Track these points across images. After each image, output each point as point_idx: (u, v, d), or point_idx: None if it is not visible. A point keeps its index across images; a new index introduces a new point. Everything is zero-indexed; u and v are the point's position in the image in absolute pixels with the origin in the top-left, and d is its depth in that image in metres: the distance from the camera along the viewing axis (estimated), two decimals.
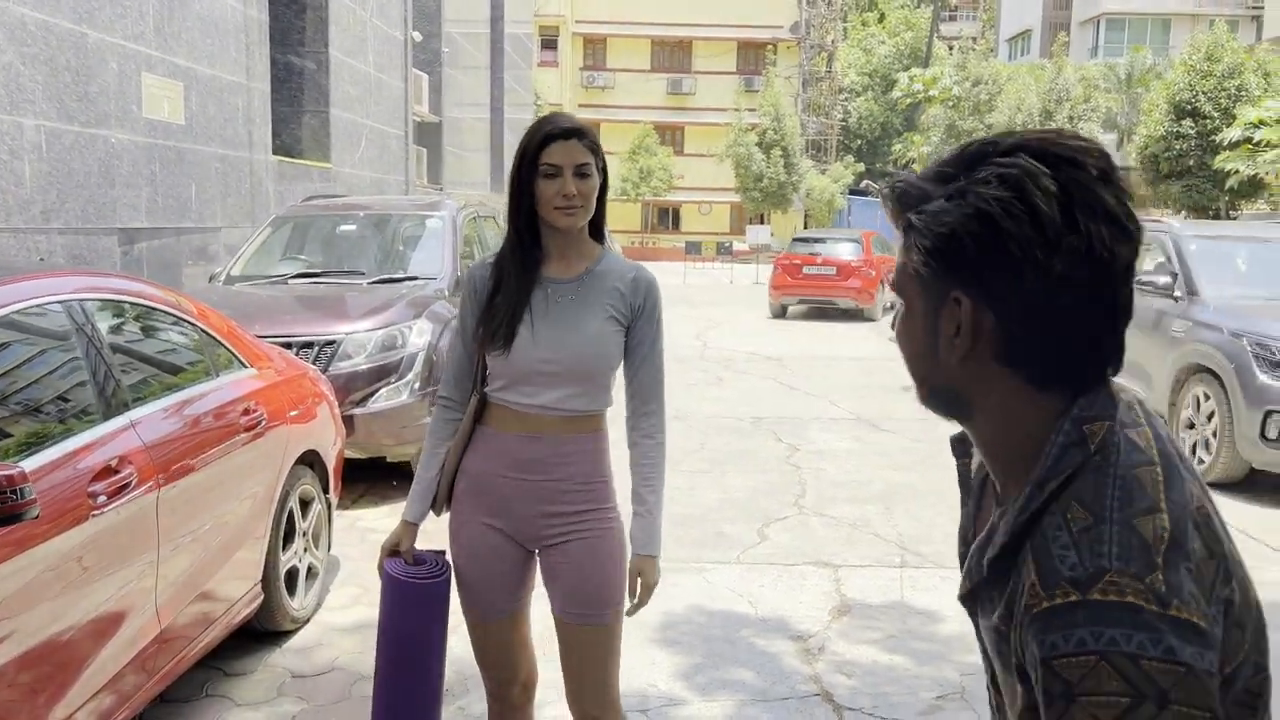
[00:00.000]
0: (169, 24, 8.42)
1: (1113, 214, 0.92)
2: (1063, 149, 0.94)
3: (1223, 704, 0.87)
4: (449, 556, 2.32)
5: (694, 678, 3.67)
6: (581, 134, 2.16)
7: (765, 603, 4.39)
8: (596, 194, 2.19)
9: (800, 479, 6.44)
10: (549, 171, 2.13)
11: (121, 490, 2.75)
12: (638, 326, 2.23)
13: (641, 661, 3.74)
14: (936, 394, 1.04)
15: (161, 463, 2.99)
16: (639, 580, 2.24)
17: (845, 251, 17.02)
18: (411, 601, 2.26)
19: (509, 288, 2.21)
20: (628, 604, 2.26)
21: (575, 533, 2.24)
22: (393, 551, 2.32)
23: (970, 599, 1.04)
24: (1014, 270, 0.92)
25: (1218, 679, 0.85)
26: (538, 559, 2.32)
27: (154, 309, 3.54)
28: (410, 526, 2.34)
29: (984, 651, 1.07)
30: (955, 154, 0.99)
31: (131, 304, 3.41)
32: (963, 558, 1.10)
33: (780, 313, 17.46)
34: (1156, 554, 0.86)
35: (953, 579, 4.65)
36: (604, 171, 2.21)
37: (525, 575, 2.34)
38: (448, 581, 2.29)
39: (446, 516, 2.35)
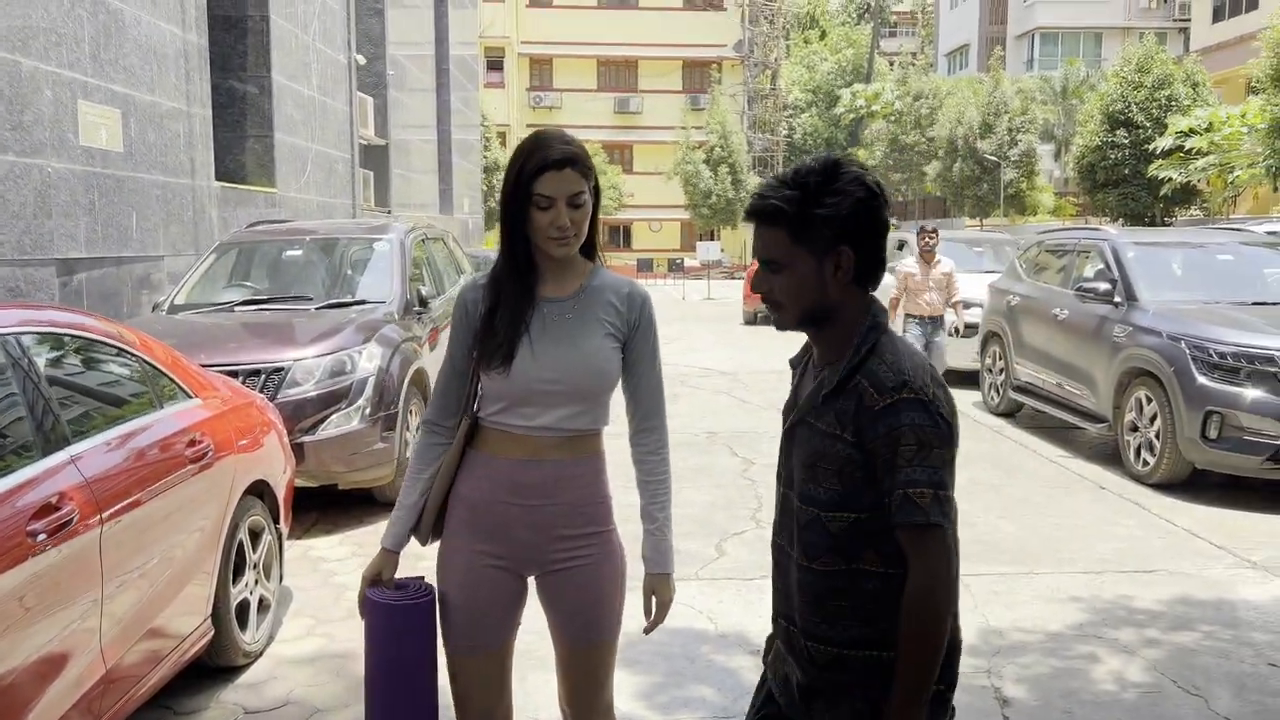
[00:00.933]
0: (105, 50, 8.28)
1: (885, 199, 1.71)
2: (858, 165, 1.70)
3: None
4: (431, 581, 2.29)
5: (655, 697, 3.66)
6: (575, 162, 2.10)
7: (724, 618, 4.39)
8: (589, 217, 2.16)
9: (756, 493, 6.47)
10: (542, 203, 2.09)
11: (62, 528, 2.68)
12: (634, 341, 2.23)
13: None
14: (810, 315, 1.70)
15: (104, 498, 2.92)
16: (654, 598, 2.26)
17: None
18: (401, 626, 2.22)
19: (507, 306, 2.17)
20: (644, 623, 2.29)
21: (579, 557, 2.23)
22: (373, 581, 2.26)
23: (793, 431, 1.75)
24: (872, 230, 1.67)
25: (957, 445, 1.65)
26: (530, 587, 2.30)
27: (94, 341, 3.46)
28: (390, 555, 2.29)
29: (787, 462, 1.77)
30: (812, 170, 1.66)
31: (70, 337, 3.34)
32: (786, 415, 1.80)
33: (752, 319, 18.75)
34: (928, 378, 1.64)
35: None
36: (596, 192, 2.18)
37: (517, 607, 2.30)
38: (434, 602, 2.25)
39: (434, 545, 2.32)
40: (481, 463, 2.22)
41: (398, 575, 2.30)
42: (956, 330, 8.78)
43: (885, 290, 11.96)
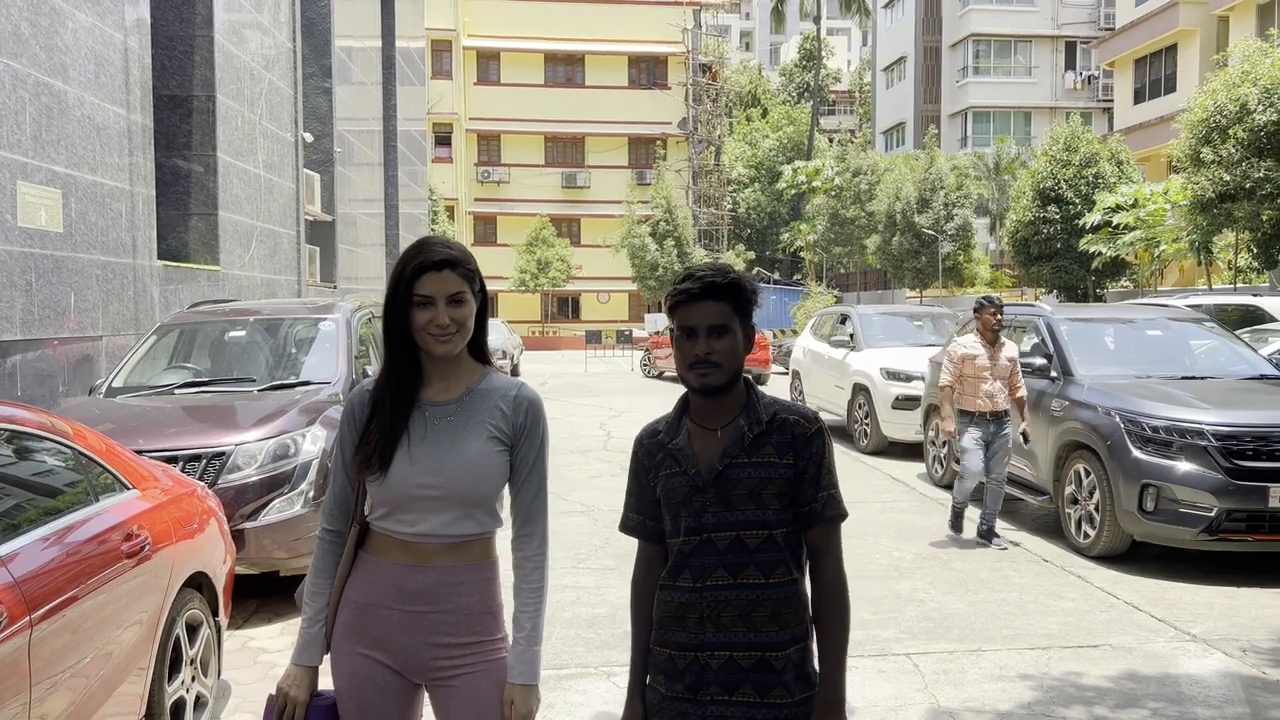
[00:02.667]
0: (48, 131, 8.23)
1: None
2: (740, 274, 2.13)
3: None
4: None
5: None
6: (454, 264, 2.14)
7: None
8: (474, 317, 2.18)
9: None
10: (421, 301, 2.12)
11: None
12: (520, 446, 2.20)
13: None
14: (735, 375, 2.08)
15: (34, 599, 2.83)
16: (512, 708, 2.16)
17: None
18: None
19: (384, 411, 2.18)
20: None
21: (464, 667, 2.17)
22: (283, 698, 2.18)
23: (721, 475, 2.04)
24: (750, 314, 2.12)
25: None
26: (425, 693, 2.24)
27: (23, 433, 3.38)
28: (307, 670, 2.21)
29: (714, 506, 2.04)
30: (722, 267, 2.11)
31: (0, 429, 3.25)
32: (695, 480, 2.07)
33: (657, 376, 21.86)
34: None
35: (860, 667, 4.68)
36: (482, 293, 2.20)
37: (410, 710, 2.24)
38: (333, 707, 2.19)
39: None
40: (369, 566, 2.20)
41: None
42: (1025, 437, 7.14)
43: (922, 367, 12.02)
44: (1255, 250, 17.07)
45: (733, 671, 2.01)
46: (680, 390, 2.16)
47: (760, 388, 2.15)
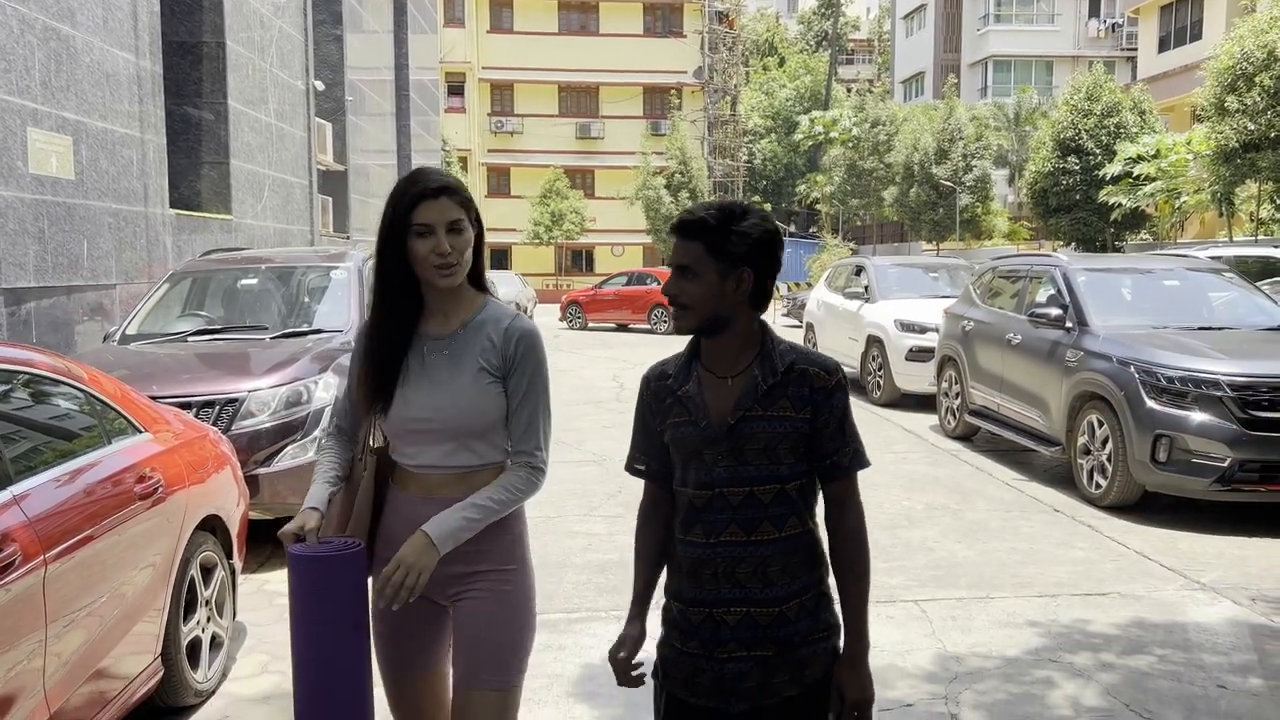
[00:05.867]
0: (57, 77, 8.18)
1: (783, 243, 2.03)
2: (765, 213, 2.01)
3: None
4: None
5: None
6: (451, 190, 2.13)
7: None
8: (472, 247, 2.17)
9: None
10: (421, 231, 2.10)
11: (3, 570, 2.62)
12: (511, 378, 2.18)
13: (561, 715, 3.68)
14: (709, 321, 1.97)
15: (48, 538, 2.86)
16: (408, 545, 2.06)
17: None
18: (324, 584, 2.07)
19: (383, 349, 2.19)
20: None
21: (471, 593, 2.19)
22: (296, 537, 2.12)
23: (734, 428, 1.95)
24: (769, 261, 1.97)
25: None
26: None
27: (39, 376, 3.40)
28: (313, 511, 2.16)
29: (724, 459, 1.96)
30: (731, 204, 1.98)
31: (14, 372, 3.27)
32: (706, 432, 1.97)
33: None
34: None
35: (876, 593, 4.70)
36: (478, 223, 2.20)
37: (438, 631, 2.27)
38: (362, 557, 2.13)
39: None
40: (394, 496, 2.26)
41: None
42: None
43: (937, 318, 11.96)
44: (1278, 201, 16.81)
45: (750, 627, 1.96)
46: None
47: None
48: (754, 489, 1.95)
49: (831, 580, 2.04)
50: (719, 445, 1.96)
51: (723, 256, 1.93)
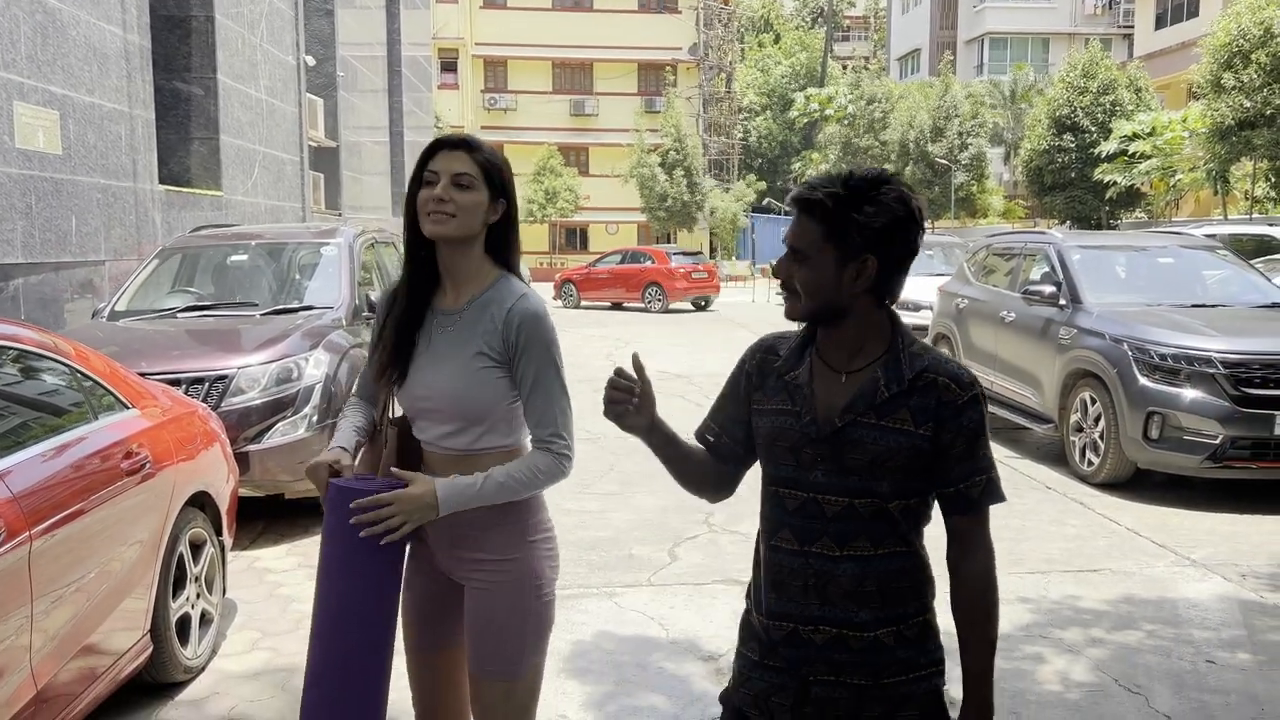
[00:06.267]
0: (43, 50, 8.09)
1: (922, 224, 1.73)
2: (906, 186, 1.72)
3: None
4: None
5: (605, 706, 3.63)
6: (470, 146, 2.08)
7: (676, 624, 4.38)
8: (481, 210, 2.07)
9: None
10: (428, 179, 2.06)
11: None
12: (518, 365, 2.07)
13: (552, 692, 3.68)
14: (824, 310, 1.72)
15: (33, 513, 2.84)
16: (408, 489, 1.99)
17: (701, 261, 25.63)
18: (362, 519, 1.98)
19: (396, 319, 2.14)
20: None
21: (473, 581, 2.13)
22: (333, 471, 2.07)
23: (840, 433, 1.71)
24: (902, 248, 1.69)
25: None
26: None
27: (25, 351, 3.36)
28: (342, 450, 2.13)
29: (825, 464, 1.72)
30: (861, 177, 1.69)
31: (1, 348, 3.24)
32: (808, 429, 1.74)
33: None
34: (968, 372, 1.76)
35: None
36: (505, 196, 2.11)
37: (449, 610, 2.20)
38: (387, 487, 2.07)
39: None
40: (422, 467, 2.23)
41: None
42: None
43: (931, 296, 12.16)
44: (1273, 179, 16.80)
45: (840, 650, 1.73)
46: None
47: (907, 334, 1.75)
48: (854, 501, 1.72)
49: (941, 614, 1.82)
50: (820, 447, 1.73)
51: (842, 242, 1.67)
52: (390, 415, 2.26)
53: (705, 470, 1.96)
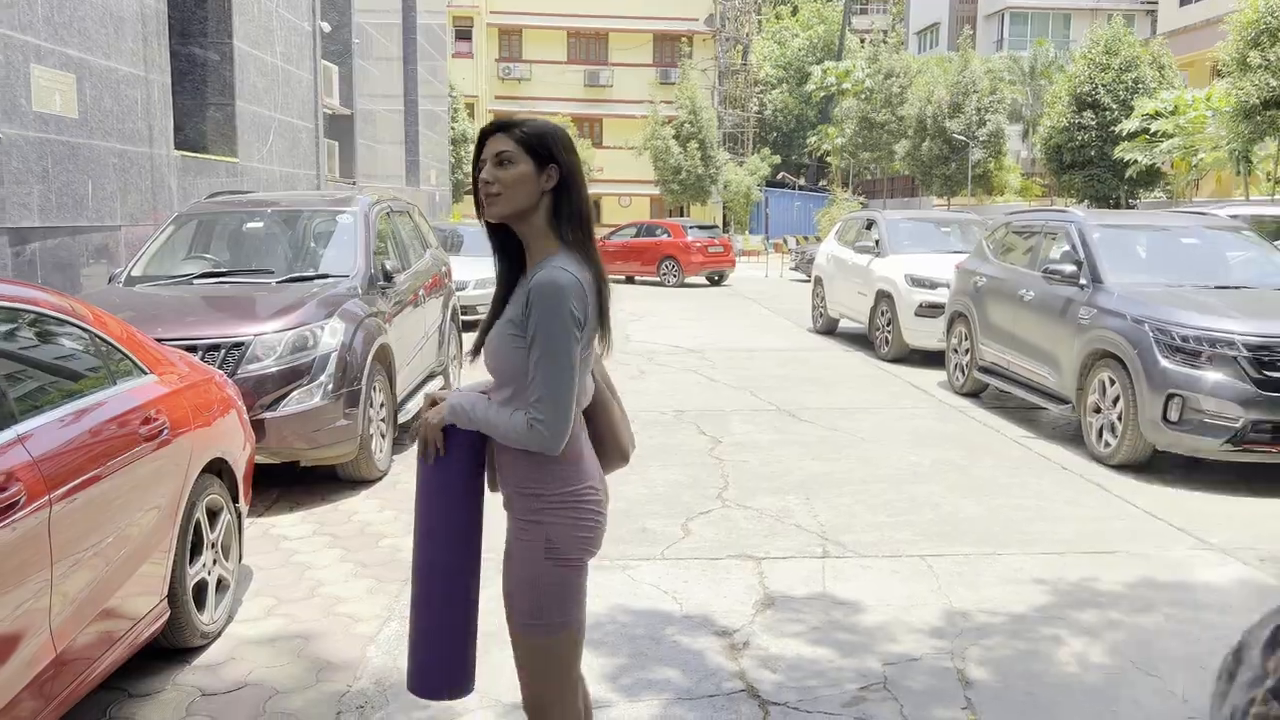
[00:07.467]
0: (59, 13, 8.04)
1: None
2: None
3: None
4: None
5: (619, 679, 3.63)
6: (509, 127, 2.20)
7: (689, 599, 4.38)
8: (528, 181, 2.17)
9: (723, 471, 6.46)
10: (481, 166, 2.20)
11: (9, 509, 2.60)
12: (528, 333, 2.15)
13: None
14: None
15: (53, 478, 2.83)
16: (433, 402, 2.28)
17: (716, 235, 25.34)
18: (474, 455, 2.26)
19: (495, 292, 2.34)
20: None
21: (510, 539, 2.28)
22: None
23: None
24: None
25: None
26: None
27: (44, 315, 3.35)
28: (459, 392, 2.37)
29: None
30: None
31: (19, 310, 3.22)
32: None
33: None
34: None
35: (874, 568, 4.71)
36: (555, 160, 2.18)
37: None
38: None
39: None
40: None
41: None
42: None
43: (948, 274, 11.89)
44: None
45: None
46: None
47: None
48: None
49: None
50: None
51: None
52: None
53: None
